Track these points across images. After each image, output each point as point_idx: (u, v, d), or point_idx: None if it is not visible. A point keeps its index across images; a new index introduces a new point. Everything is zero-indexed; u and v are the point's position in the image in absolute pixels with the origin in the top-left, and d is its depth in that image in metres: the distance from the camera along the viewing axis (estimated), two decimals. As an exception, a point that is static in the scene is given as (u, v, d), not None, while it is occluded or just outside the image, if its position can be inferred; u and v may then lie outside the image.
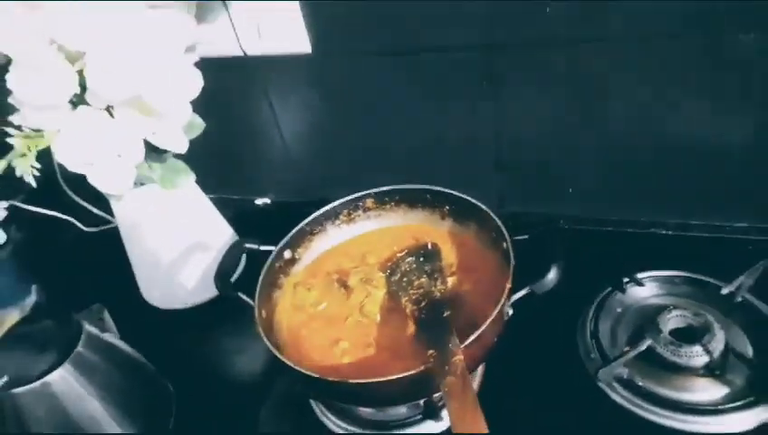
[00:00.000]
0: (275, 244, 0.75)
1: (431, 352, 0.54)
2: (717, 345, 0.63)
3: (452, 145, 0.91)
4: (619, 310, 0.73)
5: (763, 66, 0.68)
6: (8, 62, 0.69)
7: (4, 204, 1.28)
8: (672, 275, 0.74)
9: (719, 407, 0.60)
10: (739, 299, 0.68)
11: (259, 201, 1.14)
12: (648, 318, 0.68)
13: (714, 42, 0.69)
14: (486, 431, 0.45)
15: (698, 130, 0.76)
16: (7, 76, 0.68)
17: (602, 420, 0.64)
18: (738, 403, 0.60)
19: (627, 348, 0.66)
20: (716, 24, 0.67)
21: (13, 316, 0.97)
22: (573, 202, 0.89)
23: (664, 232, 0.85)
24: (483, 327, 0.55)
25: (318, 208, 0.79)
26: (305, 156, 1.04)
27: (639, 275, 0.74)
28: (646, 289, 0.74)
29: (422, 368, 0.53)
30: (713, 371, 0.63)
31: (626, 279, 0.73)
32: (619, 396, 0.64)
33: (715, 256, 0.77)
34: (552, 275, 0.57)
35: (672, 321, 0.67)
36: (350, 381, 0.55)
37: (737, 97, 0.72)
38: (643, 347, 0.64)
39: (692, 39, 0.70)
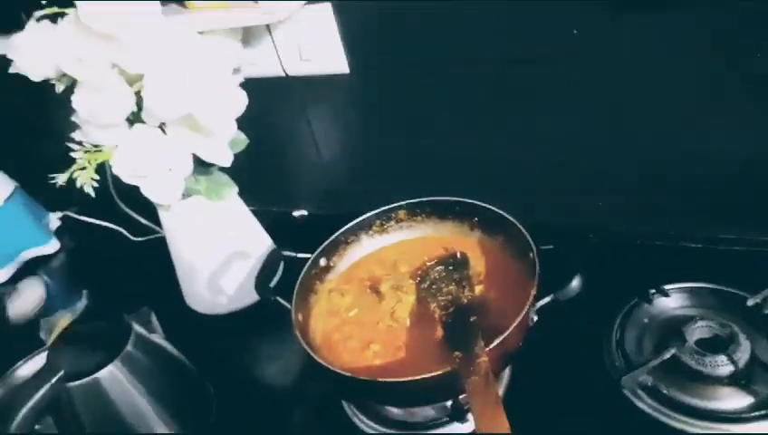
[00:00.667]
0: (312, 252, 0.79)
1: (457, 353, 0.57)
2: (743, 355, 0.64)
3: (481, 158, 0.93)
4: (645, 320, 0.74)
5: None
6: (73, 84, 0.76)
7: (59, 214, 1.37)
8: (698, 286, 0.75)
9: (743, 415, 0.61)
10: (765, 311, 0.69)
11: (296, 213, 1.19)
12: (673, 328, 0.70)
13: (739, 57, 0.71)
14: (508, 431, 0.48)
15: (725, 143, 0.77)
16: (72, 97, 0.75)
17: (626, 427, 0.65)
18: (763, 412, 0.61)
19: (651, 356, 0.68)
20: (737, 42, 0.69)
21: (65, 319, 1.04)
22: (603, 215, 0.91)
23: (692, 245, 0.86)
24: (508, 331, 0.58)
25: (351, 220, 0.83)
26: (340, 170, 1.08)
27: (666, 287, 0.75)
28: (672, 300, 0.75)
29: (448, 368, 0.56)
30: (738, 380, 0.64)
31: (652, 290, 0.75)
32: (644, 403, 0.65)
33: (741, 269, 0.78)
34: (575, 283, 0.59)
35: (698, 331, 0.68)
36: (380, 380, 0.58)
37: (764, 112, 0.73)
38: (668, 355, 0.65)
39: (718, 55, 0.71)
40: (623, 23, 0.72)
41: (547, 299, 0.61)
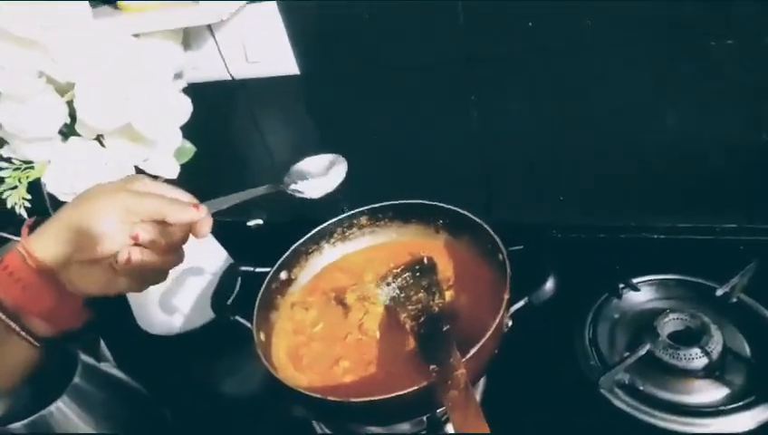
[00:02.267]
0: (270, 265, 0.74)
1: (433, 367, 0.54)
2: (715, 347, 0.64)
3: (440, 158, 0.91)
4: (616, 316, 0.73)
5: (743, 69, 0.70)
6: (-4, 95, 0.69)
7: (-7, 236, 1.27)
8: (666, 278, 0.75)
9: (720, 408, 0.61)
10: (734, 300, 0.69)
11: (251, 223, 1.14)
12: (645, 323, 0.69)
13: (693, 47, 0.70)
14: (493, 445, 0.45)
15: (682, 134, 0.77)
16: (-5, 109, 0.68)
17: (605, 426, 0.64)
18: (739, 404, 0.60)
19: (626, 353, 0.66)
20: (692, 30, 0.68)
21: None
22: (563, 210, 0.90)
23: (655, 236, 0.86)
24: (483, 340, 0.55)
25: (310, 228, 0.79)
26: (296, 176, 1.04)
27: (635, 280, 0.74)
28: (641, 294, 0.74)
29: (425, 383, 0.53)
30: (712, 372, 0.63)
31: (621, 285, 0.74)
32: (621, 401, 0.64)
33: (706, 258, 0.78)
34: (550, 284, 0.57)
35: (669, 324, 0.68)
36: (354, 400, 0.54)
37: (719, 100, 0.73)
38: (642, 352, 0.64)
39: (671, 44, 0.71)
40: (579, 12, 0.71)
41: (521, 303, 0.59)
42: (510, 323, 0.60)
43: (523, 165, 0.88)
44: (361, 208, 0.78)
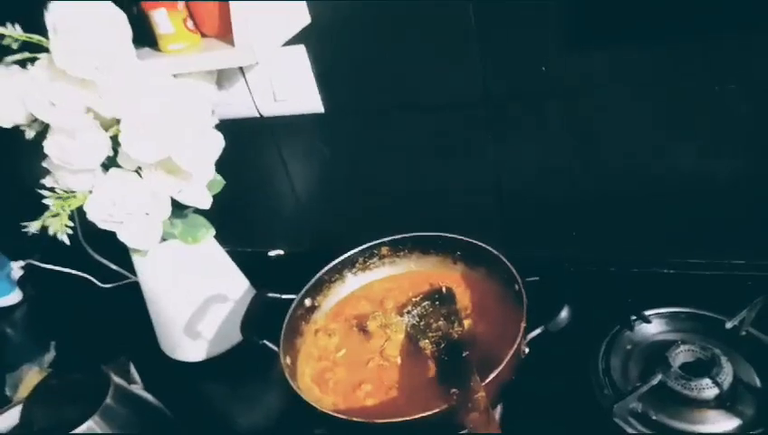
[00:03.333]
0: (289, 292, 0.78)
1: (454, 390, 0.57)
2: (726, 378, 0.66)
3: (457, 194, 0.95)
4: (628, 347, 0.75)
5: (750, 112, 0.73)
6: (44, 129, 0.74)
7: (21, 263, 1.31)
8: (677, 311, 0.77)
9: (732, 438, 0.63)
10: (743, 333, 0.71)
11: (272, 253, 1.18)
12: (657, 353, 0.71)
13: (700, 91, 0.74)
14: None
15: (693, 174, 0.81)
16: (44, 142, 0.73)
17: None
18: (750, 434, 0.62)
19: (639, 383, 0.68)
20: (698, 75, 0.73)
21: (33, 373, 0.99)
22: (576, 245, 0.93)
23: (665, 271, 0.89)
24: (502, 365, 0.58)
25: (329, 259, 0.82)
26: (316, 209, 1.08)
27: (646, 313, 0.77)
28: (653, 326, 0.77)
29: (446, 406, 0.56)
30: (723, 402, 0.65)
31: (633, 317, 0.76)
32: (634, 430, 0.66)
33: (715, 293, 0.80)
34: (565, 313, 0.60)
35: (681, 356, 0.70)
36: (378, 421, 0.57)
37: (728, 141, 0.77)
38: (655, 381, 0.66)
39: (679, 89, 0.75)
40: (592, 58, 0.75)
41: (538, 331, 0.62)
42: (527, 351, 0.62)
43: (538, 200, 0.91)
44: (383, 239, 0.82)
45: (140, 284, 0.94)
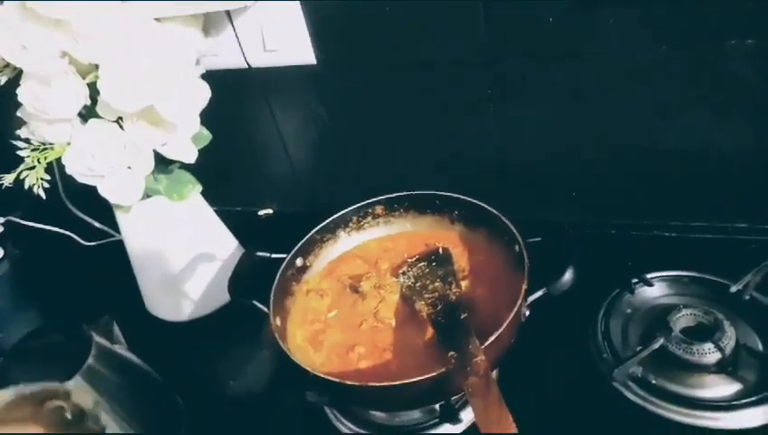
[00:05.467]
0: (281, 253, 0.75)
1: (452, 353, 0.55)
2: (729, 342, 0.64)
3: (454, 155, 0.92)
4: (628, 311, 0.74)
5: (756, 74, 0.70)
6: (18, 75, 0.69)
7: (1, 220, 1.27)
8: (680, 275, 0.75)
9: (732, 402, 0.61)
10: (747, 297, 0.69)
11: (261, 212, 1.14)
12: (658, 318, 0.69)
13: (707, 52, 0.71)
14: (516, 431, 0.45)
15: (695, 135, 0.78)
16: (18, 90, 0.68)
17: (617, 418, 0.64)
18: (751, 399, 0.61)
19: (639, 347, 0.67)
20: (707, 36, 0.69)
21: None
22: (575, 208, 0.91)
23: (666, 234, 0.87)
24: (501, 328, 0.56)
25: (320, 219, 0.79)
26: (308, 167, 1.05)
27: (648, 276, 0.75)
28: (654, 290, 0.75)
29: (443, 370, 0.54)
30: (725, 368, 0.64)
31: (635, 280, 0.74)
32: (634, 394, 0.64)
33: (717, 257, 0.78)
34: (569, 275, 0.58)
35: (682, 320, 0.68)
36: (371, 384, 0.55)
37: (732, 104, 0.74)
38: (656, 346, 0.65)
39: (686, 50, 0.71)
40: (601, 16, 0.71)
41: (539, 293, 0.60)
42: (527, 314, 0.60)
43: (537, 162, 0.88)
44: (377, 198, 0.79)
45: (124, 242, 0.91)
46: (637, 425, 0.63)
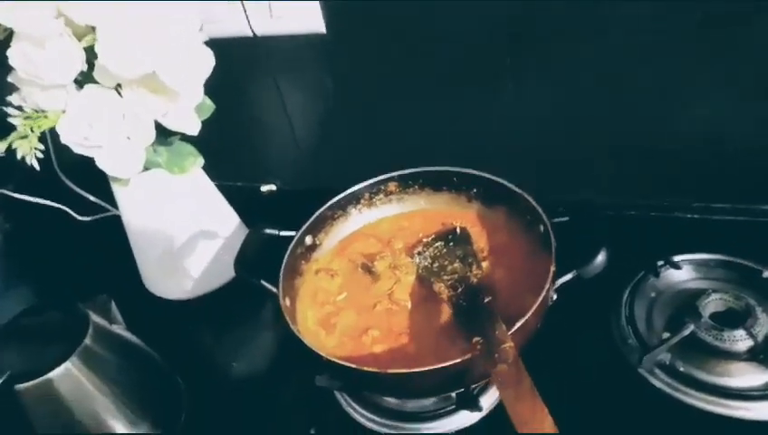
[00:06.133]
0: (286, 230, 0.71)
1: (477, 339, 0.51)
2: (762, 329, 0.61)
3: (468, 132, 0.88)
4: (652, 295, 0.70)
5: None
6: (9, 36, 0.64)
7: (-7, 193, 1.22)
8: (707, 258, 0.72)
9: (765, 392, 0.58)
10: (780, 283, 0.66)
11: (264, 188, 1.10)
12: (685, 302, 0.67)
13: (735, 27, 0.67)
14: (553, 428, 0.42)
15: (717, 115, 0.75)
16: (8, 52, 0.64)
17: (644, 406, 0.61)
18: (781, 388, 0.58)
19: (667, 334, 0.64)
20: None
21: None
22: (593, 188, 0.87)
23: (688, 216, 0.83)
24: (530, 312, 0.53)
25: (324, 196, 0.75)
26: (314, 142, 1.00)
27: (675, 258, 0.71)
28: (680, 273, 0.72)
29: (469, 356, 0.50)
30: (757, 355, 0.61)
31: (660, 262, 0.71)
32: (661, 382, 0.62)
33: (742, 240, 0.75)
34: (601, 257, 0.54)
35: (711, 305, 0.65)
36: (392, 372, 0.51)
37: (755, 82, 0.71)
38: (686, 332, 0.62)
39: (707, 29, 0.68)
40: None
41: (568, 276, 0.56)
42: (555, 297, 0.57)
43: (555, 140, 0.85)
44: (390, 174, 0.75)
45: (122, 217, 0.87)
46: (664, 414, 0.61)
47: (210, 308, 0.88)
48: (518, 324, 0.52)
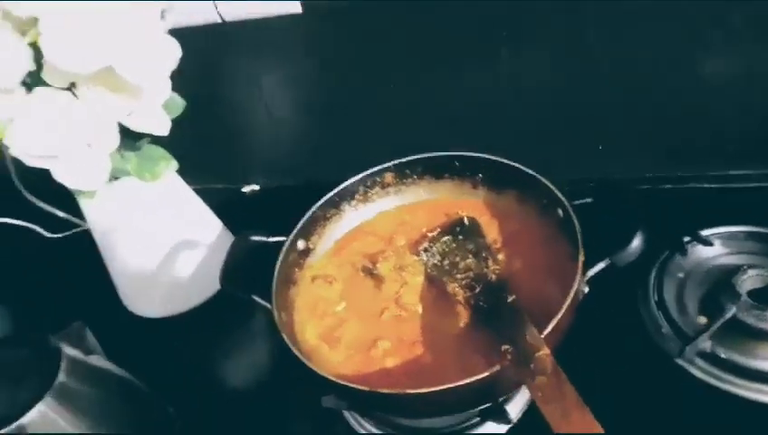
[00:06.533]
0: (272, 234, 0.64)
1: (506, 347, 0.45)
2: (811, 306, 0.56)
3: (466, 113, 0.82)
4: (680, 275, 0.65)
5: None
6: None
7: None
8: (735, 230, 0.66)
9: (818, 375, 0.53)
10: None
11: (246, 189, 1.03)
12: (718, 281, 0.61)
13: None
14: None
15: (724, 76, 0.71)
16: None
17: (686, 400, 0.56)
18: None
19: (702, 318, 0.59)
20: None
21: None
22: (600, 163, 0.81)
23: (705, 186, 0.78)
24: (562, 310, 0.46)
25: (314, 193, 0.68)
26: (297, 134, 0.93)
27: (704, 233, 0.66)
28: (708, 249, 0.66)
29: (498, 368, 0.44)
30: (805, 335, 0.55)
31: (686, 238, 0.65)
32: (702, 372, 0.56)
33: (764, 205, 0.70)
34: (637, 242, 0.48)
35: (748, 282, 0.59)
36: (411, 392, 0.45)
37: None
38: (729, 315, 0.56)
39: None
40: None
41: (601, 265, 0.50)
42: (586, 290, 0.50)
43: (558, 113, 0.79)
44: (386, 164, 0.68)
45: (92, 232, 0.79)
46: (707, 405, 0.55)
47: (197, 325, 0.81)
48: (550, 326, 0.45)
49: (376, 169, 0.68)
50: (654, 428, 0.54)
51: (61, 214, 1.00)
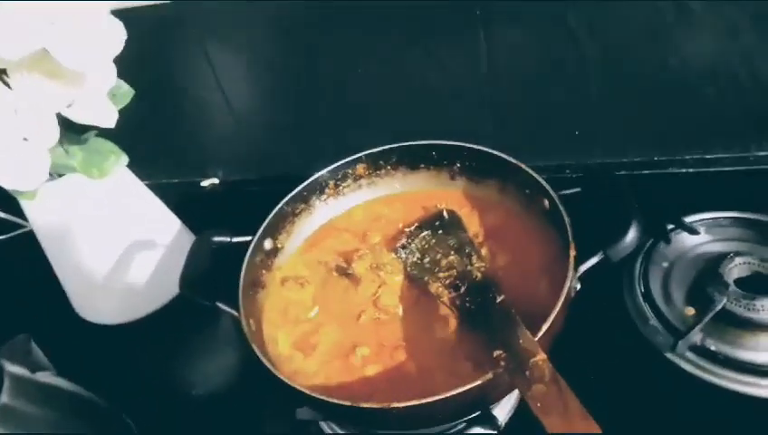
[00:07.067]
0: (235, 233, 0.59)
1: (498, 353, 0.41)
2: (800, 294, 0.54)
3: (442, 98, 0.78)
4: (665, 264, 0.63)
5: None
6: None
7: None
8: (719, 216, 0.65)
9: (810, 365, 0.52)
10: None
11: (205, 183, 0.97)
12: (704, 270, 0.59)
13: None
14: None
15: (700, 58, 0.69)
16: None
17: (677, 395, 0.54)
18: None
19: (690, 309, 0.57)
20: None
21: None
22: (579, 148, 0.79)
23: (684, 170, 0.76)
24: (555, 311, 0.43)
25: (279, 186, 0.64)
26: (259, 122, 0.88)
27: (688, 220, 0.63)
28: (692, 237, 0.64)
29: (490, 376, 0.41)
30: (795, 324, 0.54)
31: (670, 226, 0.63)
32: (692, 365, 0.54)
33: (747, 191, 0.69)
34: (633, 233, 0.45)
35: (735, 270, 0.58)
36: (397, 406, 0.41)
37: (748, 21, 0.64)
38: (719, 307, 0.54)
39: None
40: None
41: (594, 260, 0.47)
42: (578, 287, 0.47)
43: (535, 99, 0.76)
44: (357, 155, 0.64)
45: (36, 234, 0.73)
46: (700, 401, 0.53)
47: (156, 331, 0.76)
48: (544, 328, 0.42)
49: (347, 159, 0.64)
50: (645, 421, 0.52)
51: (0, 214, 0.92)
